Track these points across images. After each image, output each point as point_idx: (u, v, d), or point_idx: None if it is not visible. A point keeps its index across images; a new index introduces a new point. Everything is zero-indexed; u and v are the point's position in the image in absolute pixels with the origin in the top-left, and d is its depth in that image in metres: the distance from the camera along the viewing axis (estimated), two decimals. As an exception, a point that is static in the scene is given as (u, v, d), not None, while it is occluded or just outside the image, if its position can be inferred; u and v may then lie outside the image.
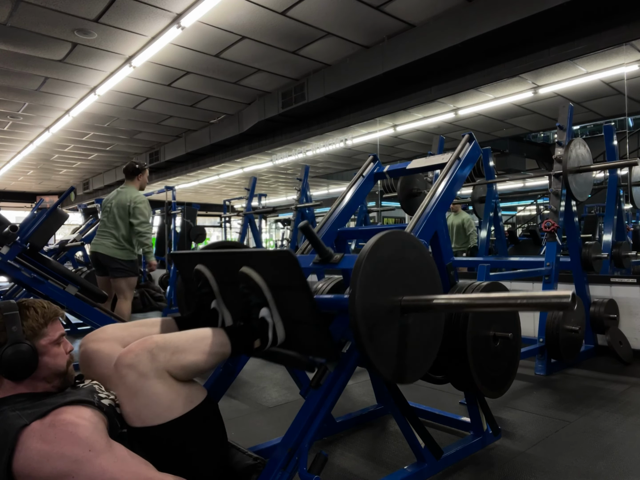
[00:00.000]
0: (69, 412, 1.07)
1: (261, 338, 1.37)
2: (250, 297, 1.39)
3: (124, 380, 1.12)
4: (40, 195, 14.92)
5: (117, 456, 1.05)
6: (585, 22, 4.14)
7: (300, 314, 1.38)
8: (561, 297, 1.09)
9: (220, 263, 1.55)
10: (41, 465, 1.00)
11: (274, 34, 5.00)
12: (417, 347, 1.46)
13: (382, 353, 1.33)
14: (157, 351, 1.15)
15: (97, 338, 1.40)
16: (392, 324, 1.37)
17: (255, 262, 1.41)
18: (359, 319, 1.26)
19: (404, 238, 1.47)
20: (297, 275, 1.31)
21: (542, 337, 3.05)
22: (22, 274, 2.84)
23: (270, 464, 1.31)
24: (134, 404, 1.13)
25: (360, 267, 1.29)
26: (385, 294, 1.36)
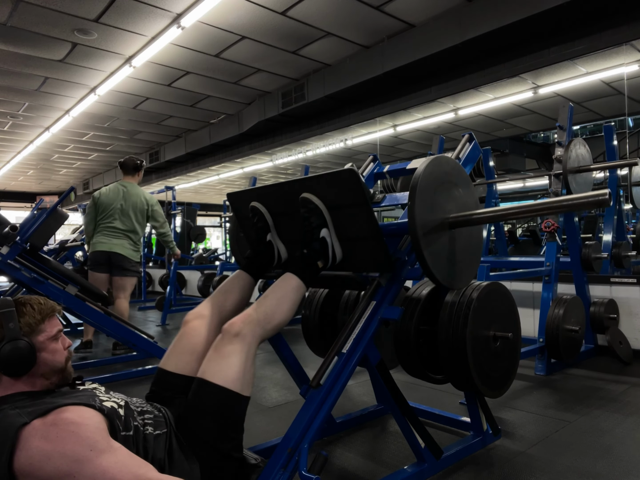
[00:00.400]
0: (71, 412, 1.07)
1: (324, 258, 1.55)
2: (311, 220, 1.54)
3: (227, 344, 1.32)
4: (40, 195, 14.93)
5: (118, 457, 1.06)
6: (585, 22, 4.14)
7: (357, 231, 1.54)
8: (598, 195, 1.26)
9: (275, 196, 1.69)
10: (42, 464, 1.00)
11: (274, 34, 5.01)
12: (463, 257, 1.64)
13: (436, 260, 1.49)
14: (258, 329, 1.37)
15: (200, 314, 1.55)
16: (442, 236, 1.54)
17: (315, 186, 1.55)
18: (417, 228, 1.41)
19: (449, 162, 1.63)
20: (359, 191, 1.46)
21: (542, 337, 3.05)
22: (22, 274, 2.84)
23: (270, 464, 1.31)
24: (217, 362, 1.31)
25: (417, 183, 1.44)
26: (436, 211, 1.52)
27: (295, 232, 1.66)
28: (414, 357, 1.81)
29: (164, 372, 1.47)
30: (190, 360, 1.45)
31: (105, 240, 3.83)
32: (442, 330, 1.70)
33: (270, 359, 3.50)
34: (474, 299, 1.71)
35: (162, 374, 1.47)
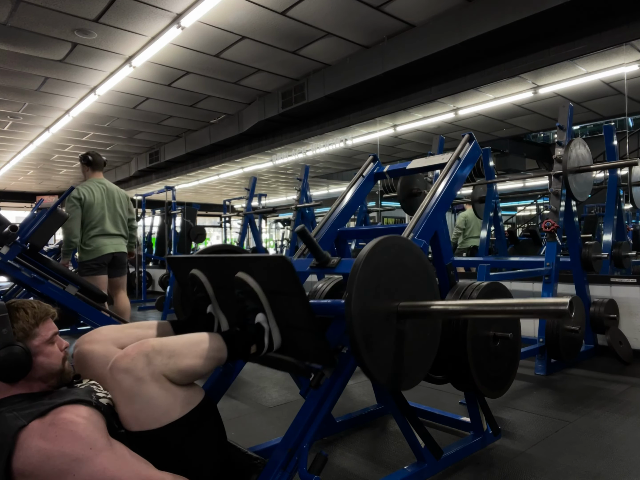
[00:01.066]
0: (68, 411, 1.07)
1: (257, 344, 1.36)
2: (246, 303, 1.39)
3: (120, 384, 1.11)
4: (40, 195, 14.93)
5: (117, 455, 1.06)
6: (585, 22, 4.14)
7: (296, 320, 1.38)
8: (558, 304, 1.07)
9: (215, 267, 1.55)
10: (42, 464, 1.00)
11: (274, 34, 5.01)
12: (414, 353, 1.46)
13: (379, 360, 1.33)
14: (153, 355, 1.14)
15: (92, 339, 1.40)
16: (389, 330, 1.37)
17: (251, 268, 1.40)
18: (355, 325, 1.25)
19: (401, 243, 1.46)
20: (292, 281, 1.30)
21: (542, 337, 3.05)
22: (22, 274, 2.85)
23: (270, 464, 1.31)
24: (130, 408, 1.12)
25: (356, 273, 1.28)
26: (382, 299, 1.35)
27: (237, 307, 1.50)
28: (413, 357, 1.81)
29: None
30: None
31: (107, 241, 3.76)
32: (443, 330, 1.70)
33: (270, 359, 3.50)
34: (474, 299, 1.70)
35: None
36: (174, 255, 1.69)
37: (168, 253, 8.29)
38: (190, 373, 1.21)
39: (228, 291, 1.48)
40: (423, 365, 1.52)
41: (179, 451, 1.17)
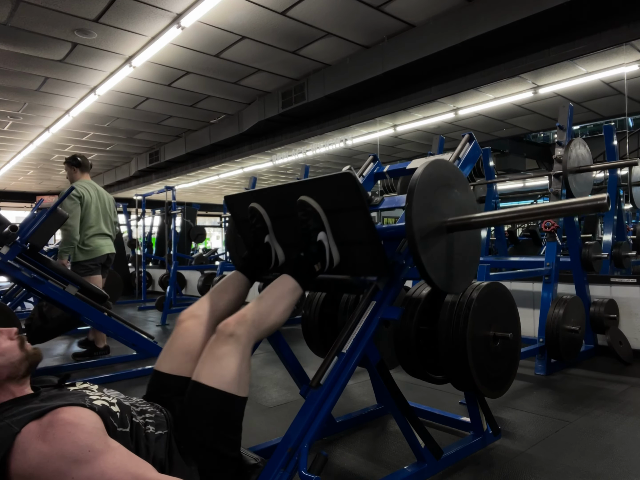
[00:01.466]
0: (67, 412, 1.06)
1: (321, 261, 1.54)
2: (308, 223, 1.54)
3: (223, 343, 1.30)
4: (40, 195, 14.93)
5: (117, 457, 1.05)
6: (585, 22, 4.14)
7: (355, 234, 1.53)
8: (597, 199, 1.25)
9: (274, 198, 1.69)
10: (41, 466, 0.99)
11: (274, 34, 5.01)
12: (460, 261, 1.62)
13: (433, 264, 1.47)
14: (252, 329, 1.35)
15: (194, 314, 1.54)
16: (440, 240, 1.53)
17: (313, 190, 1.55)
18: (415, 232, 1.40)
19: (448, 166, 1.62)
20: (357, 195, 1.45)
21: (542, 337, 3.05)
22: (22, 274, 2.85)
23: (270, 464, 1.31)
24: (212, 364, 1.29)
25: (414, 188, 1.43)
26: (434, 215, 1.51)
27: (293, 235, 1.65)
28: (414, 357, 1.81)
29: (159, 374, 1.46)
30: (185, 361, 1.44)
31: (103, 242, 3.80)
32: (442, 330, 1.70)
33: (270, 359, 3.50)
34: (474, 299, 1.71)
35: (158, 376, 1.46)
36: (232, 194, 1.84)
37: (168, 253, 8.29)
38: (280, 325, 1.47)
39: (285, 219, 1.66)
40: (468, 274, 1.68)
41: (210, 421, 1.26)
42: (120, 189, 12.87)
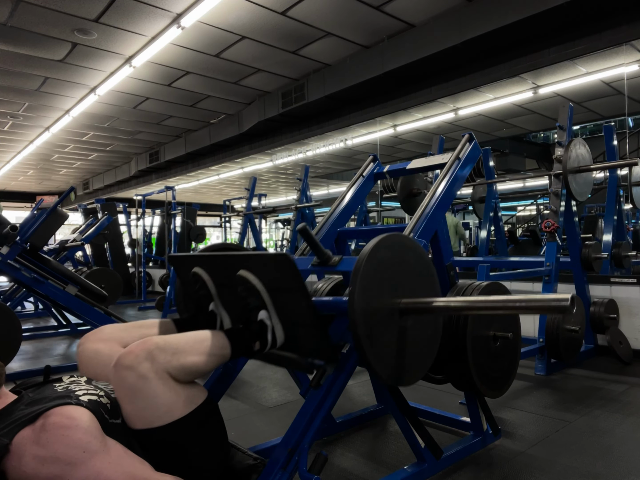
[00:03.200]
0: (58, 414, 1.04)
1: (260, 340, 1.37)
2: (248, 300, 1.39)
3: (123, 381, 1.11)
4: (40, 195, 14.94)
5: (112, 456, 1.04)
6: (585, 22, 4.14)
7: (298, 316, 1.38)
8: (560, 300, 1.08)
9: (217, 266, 1.55)
10: (37, 471, 0.99)
11: (274, 34, 5.00)
12: (416, 349, 1.46)
13: (382, 355, 1.33)
14: (157, 352, 1.14)
15: (95, 338, 1.41)
16: (391, 326, 1.37)
17: (253, 265, 1.41)
18: (358, 321, 1.25)
19: (403, 241, 1.47)
20: (294, 278, 1.31)
21: (542, 337, 3.05)
22: (22, 274, 2.85)
23: (270, 464, 1.31)
24: (134, 405, 1.12)
25: (359, 269, 1.29)
26: (384, 296, 1.36)
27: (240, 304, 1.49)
28: (414, 357, 1.81)
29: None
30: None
31: None
32: (442, 330, 1.70)
33: (270, 359, 3.50)
34: (474, 299, 1.70)
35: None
36: (176, 254, 1.69)
37: (168, 253, 8.29)
38: (194, 370, 1.22)
39: (230, 289, 1.48)
40: (425, 362, 1.53)
41: (181, 450, 1.17)
42: (120, 189, 12.87)
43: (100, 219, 5.91)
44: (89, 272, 5.21)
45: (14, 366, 3.46)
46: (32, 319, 6.09)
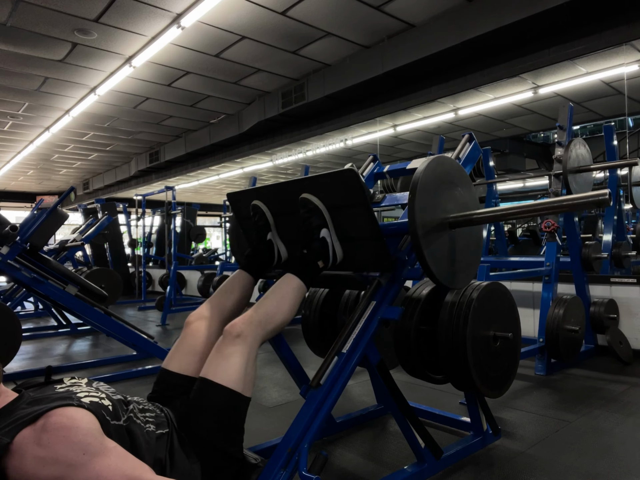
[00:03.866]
0: (59, 415, 1.04)
1: (324, 258, 1.55)
2: (311, 220, 1.55)
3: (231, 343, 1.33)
4: (40, 195, 14.94)
5: (112, 459, 1.03)
6: (585, 22, 4.14)
7: (358, 230, 1.54)
8: (599, 195, 1.25)
9: (273, 196, 1.70)
10: (37, 471, 0.98)
11: (274, 34, 5.00)
12: (462, 257, 1.64)
13: (436, 260, 1.49)
14: (256, 327, 1.38)
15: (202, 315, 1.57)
16: (443, 236, 1.55)
17: (316, 186, 1.55)
18: (418, 228, 1.41)
19: (450, 162, 1.64)
20: (359, 191, 1.46)
21: (542, 337, 3.05)
22: (22, 274, 2.85)
23: (270, 464, 1.31)
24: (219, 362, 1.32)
25: (417, 182, 1.44)
26: (437, 211, 1.52)
27: (295, 232, 1.66)
28: (414, 357, 1.81)
29: (166, 372, 1.48)
30: (193, 361, 1.47)
31: None
32: (442, 330, 1.70)
33: (270, 359, 3.50)
34: (474, 299, 1.71)
35: (165, 374, 1.48)
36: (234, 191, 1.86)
37: (168, 253, 8.29)
38: (286, 323, 1.48)
39: (287, 216, 1.67)
40: (470, 271, 1.69)
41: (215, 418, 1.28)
42: (120, 189, 12.87)
43: (100, 219, 5.91)
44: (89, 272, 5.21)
45: (14, 366, 3.47)
46: (32, 319, 6.09)
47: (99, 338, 4.63)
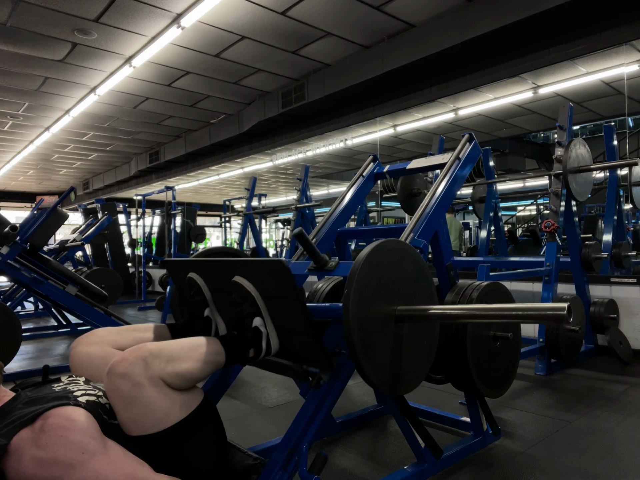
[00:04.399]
0: (57, 416, 1.04)
1: (255, 347, 1.36)
2: (243, 306, 1.37)
3: (118, 389, 1.10)
4: (40, 195, 14.94)
5: (111, 457, 1.04)
6: (585, 22, 4.14)
7: (294, 323, 1.37)
8: (556, 309, 1.07)
9: (213, 271, 1.53)
10: (36, 472, 0.98)
11: (274, 34, 5.00)
12: (412, 357, 1.45)
13: (376, 364, 1.31)
14: (151, 359, 1.13)
15: (89, 341, 1.41)
16: (386, 333, 1.35)
17: (248, 271, 1.39)
18: (352, 329, 1.23)
19: (400, 247, 1.46)
20: (289, 285, 1.29)
21: (542, 337, 3.05)
22: (22, 274, 2.85)
23: (270, 464, 1.31)
24: (129, 413, 1.11)
25: (355, 275, 1.26)
26: (380, 303, 1.34)
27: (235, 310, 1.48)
28: (414, 357, 1.81)
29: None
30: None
31: None
32: (442, 330, 1.70)
33: (270, 359, 3.50)
34: (474, 299, 1.71)
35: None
36: (171, 259, 1.69)
37: (168, 253, 8.29)
38: (189, 377, 1.21)
39: (226, 295, 1.47)
40: (421, 370, 1.51)
41: (179, 454, 1.17)
42: (120, 189, 12.87)
43: (100, 219, 5.91)
44: (89, 272, 5.21)
45: (14, 366, 3.46)
46: (32, 319, 6.09)
47: (99, 338, 4.63)
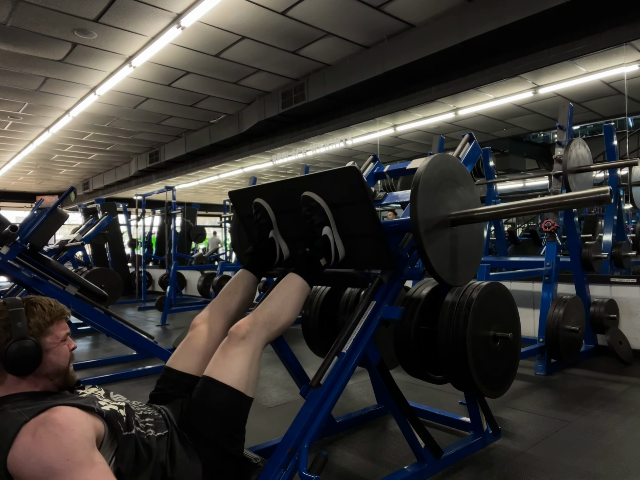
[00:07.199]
0: (61, 412, 1.04)
1: (326, 255, 1.56)
2: (313, 218, 1.56)
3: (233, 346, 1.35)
4: (40, 195, 14.93)
5: (93, 473, 1.00)
6: (585, 22, 4.14)
7: (360, 227, 1.55)
8: (600, 192, 1.25)
9: (275, 194, 1.71)
10: (23, 464, 0.98)
11: (274, 34, 5.00)
12: (464, 254, 1.65)
13: (437, 257, 1.50)
14: (260, 328, 1.39)
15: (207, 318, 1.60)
16: (444, 234, 1.56)
17: (316, 184, 1.56)
18: (419, 225, 1.41)
19: (452, 160, 1.64)
20: (361, 188, 1.47)
21: (542, 337, 3.05)
22: (22, 274, 2.84)
23: (270, 464, 1.31)
24: (224, 362, 1.34)
25: (419, 180, 1.45)
26: (437, 207, 1.53)
27: (297, 229, 1.67)
28: (414, 357, 1.81)
29: (170, 371, 1.49)
30: (197, 361, 1.48)
31: None
32: (442, 330, 1.70)
33: (270, 359, 3.50)
34: (474, 299, 1.71)
35: (169, 373, 1.49)
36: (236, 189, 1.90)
37: (168, 253, 8.29)
38: (289, 325, 1.49)
39: (288, 214, 1.69)
40: (471, 268, 1.69)
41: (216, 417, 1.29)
42: (120, 189, 12.87)
43: (100, 219, 5.91)
44: (89, 272, 5.21)
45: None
46: (32, 319, 6.08)
47: (99, 338, 4.63)
